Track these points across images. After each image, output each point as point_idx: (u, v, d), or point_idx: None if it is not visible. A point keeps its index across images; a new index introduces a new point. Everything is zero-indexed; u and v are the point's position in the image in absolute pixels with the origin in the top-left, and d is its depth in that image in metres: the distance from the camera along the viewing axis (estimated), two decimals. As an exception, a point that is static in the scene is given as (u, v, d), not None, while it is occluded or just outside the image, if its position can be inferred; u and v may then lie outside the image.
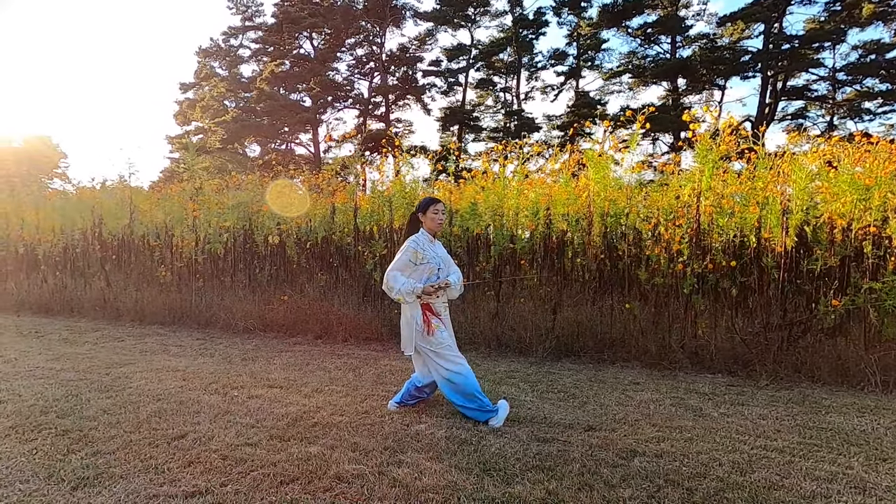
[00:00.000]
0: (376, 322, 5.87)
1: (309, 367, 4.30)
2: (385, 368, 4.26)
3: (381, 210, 6.62)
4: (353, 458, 2.42)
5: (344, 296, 6.31)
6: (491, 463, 2.39)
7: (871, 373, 4.04)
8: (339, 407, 3.19)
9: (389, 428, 2.84)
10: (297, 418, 2.96)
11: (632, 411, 3.18)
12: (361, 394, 3.49)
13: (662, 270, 5.05)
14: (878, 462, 2.43)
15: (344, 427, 2.83)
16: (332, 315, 6.07)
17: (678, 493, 2.11)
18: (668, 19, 23.32)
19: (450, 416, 3.03)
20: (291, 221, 7.13)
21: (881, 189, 4.65)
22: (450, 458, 2.43)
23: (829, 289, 4.59)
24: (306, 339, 5.70)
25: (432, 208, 3.14)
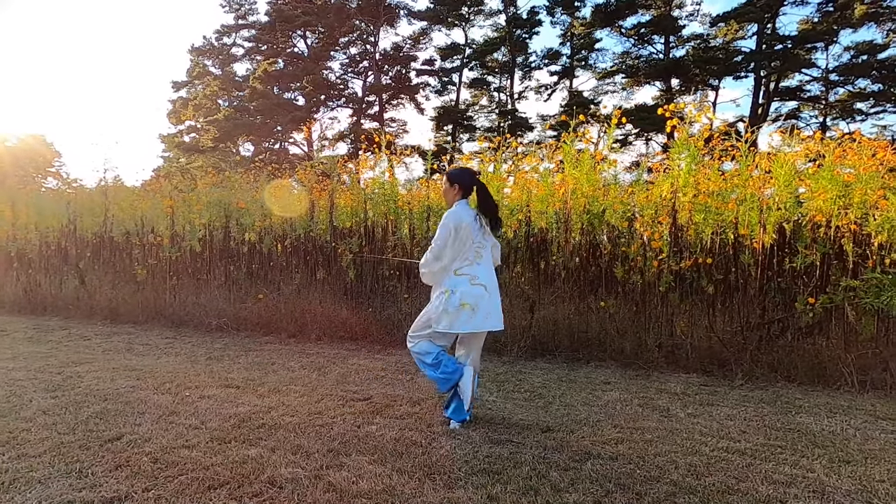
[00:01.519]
0: (352, 320, 5.75)
1: (273, 367, 4.18)
2: (351, 368, 4.15)
3: (360, 207, 6.51)
4: (292, 461, 2.30)
5: (320, 294, 6.19)
6: (437, 466, 2.27)
7: (848, 372, 3.95)
8: (292, 407, 3.07)
9: (339, 429, 2.72)
10: (245, 419, 2.84)
11: (596, 412, 3.08)
12: (320, 394, 3.37)
13: (640, 268, 4.95)
14: (841, 465, 2.32)
15: (292, 428, 2.72)
16: (307, 313, 5.95)
17: (626, 497, 2.00)
18: (662, 19, 23.30)
19: (405, 417, 2.92)
20: (268, 218, 7.01)
21: (862, 186, 4.57)
22: (394, 461, 2.32)
23: (808, 287, 4.50)
24: (279, 338, 5.58)
25: None
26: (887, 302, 4.01)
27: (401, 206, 6.43)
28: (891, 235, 4.30)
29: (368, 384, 3.64)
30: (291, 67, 28.51)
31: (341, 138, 27.67)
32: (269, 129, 27.94)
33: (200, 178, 8.63)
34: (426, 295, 5.90)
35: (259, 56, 29.40)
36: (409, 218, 6.57)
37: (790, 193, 5.10)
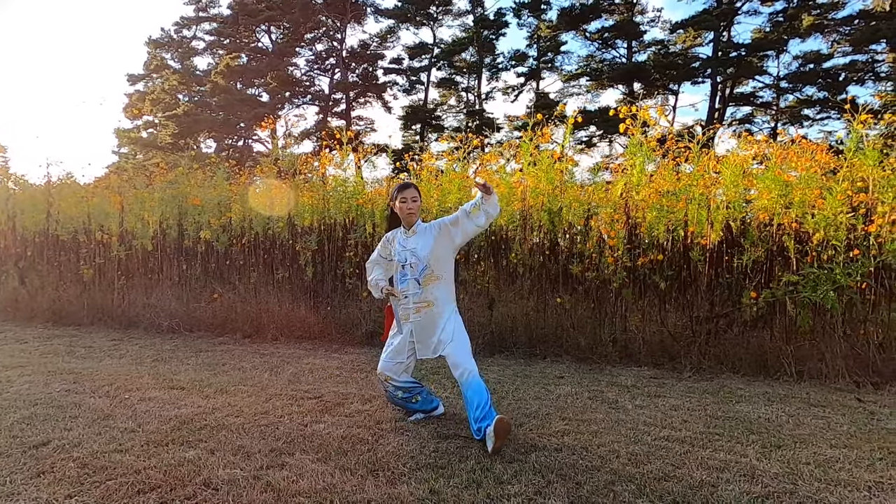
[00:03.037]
0: (310, 319, 5.65)
1: (224, 367, 4.06)
2: (305, 367, 4.07)
3: (319, 205, 6.40)
4: (232, 462, 2.23)
5: (278, 293, 6.05)
6: (382, 462, 2.25)
7: (788, 363, 4.13)
8: (238, 408, 2.98)
9: (285, 428, 2.66)
10: (186, 421, 2.74)
11: (546, 405, 3.11)
12: (269, 393, 3.29)
13: (596, 265, 5.05)
14: (773, 449, 2.42)
15: (235, 429, 2.64)
16: (265, 313, 5.80)
17: (566, 487, 2.03)
18: (624, 25, 23.88)
19: (354, 415, 2.87)
20: (224, 216, 6.80)
21: (801, 187, 4.78)
22: (338, 459, 2.28)
23: (753, 282, 4.69)
24: (234, 339, 5.43)
25: (399, 196, 2.72)
26: (823, 296, 4.22)
27: (362, 203, 6.35)
28: (827, 233, 4.52)
29: (321, 383, 3.57)
30: (255, 63, 27.81)
31: (307, 136, 27.18)
32: (232, 126, 27.18)
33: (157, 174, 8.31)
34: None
35: (221, 50, 28.55)
36: (372, 216, 6.51)
37: (737, 193, 5.31)
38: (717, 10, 22.32)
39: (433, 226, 2.73)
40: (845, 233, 4.33)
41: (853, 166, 4.89)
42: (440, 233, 2.69)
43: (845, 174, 4.87)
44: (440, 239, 2.68)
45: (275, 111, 26.68)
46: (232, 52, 27.44)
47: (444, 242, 2.68)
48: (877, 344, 4.16)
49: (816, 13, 21.26)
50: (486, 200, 2.59)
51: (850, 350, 4.15)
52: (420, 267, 2.65)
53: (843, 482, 2.09)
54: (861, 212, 4.49)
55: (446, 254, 2.71)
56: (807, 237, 4.58)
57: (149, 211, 7.05)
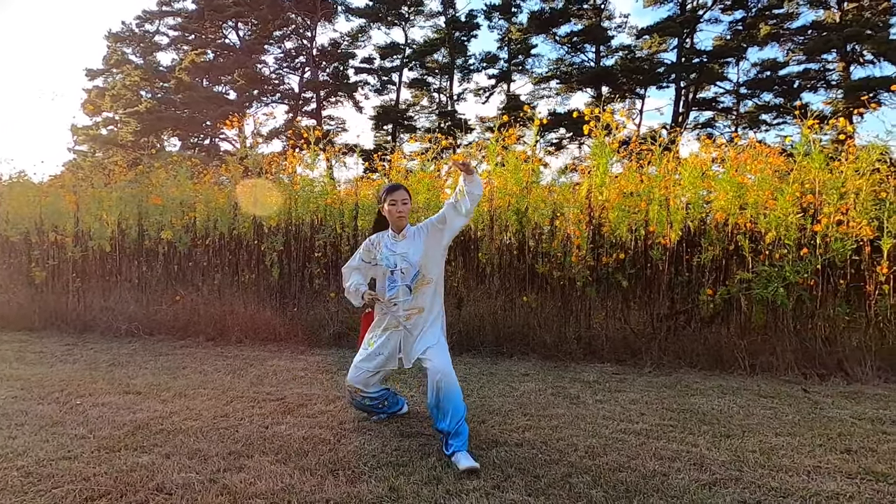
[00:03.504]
0: (276, 321, 5.56)
1: (185, 371, 3.96)
2: (270, 369, 4.00)
3: (286, 204, 6.30)
4: (187, 466, 2.18)
5: (243, 294, 5.93)
6: (343, 462, 2.24)
7: (742, 357, 4.30)
8: (196, 411, 2.91)
9: (245, 431, 2.61)
10: (142, 426, 2.66)
11: (510, 402, 3.16)
12: (230, 396, 3.22)
13: (561, 264, 5.15)
14: (722, 439, 2.53)
15: (193, 433, 2.58)
16: (229, 315, 5.68)
17: (525, 480, 2.07)
18: (593, 29, 24.38)
19: (317, 415, 2.85)
20: (187, 216, 6.62)
21: (755, 189, 4.99)
22: (298, 460, 2.26)
23: (710, 280, 4.87)
24: (196, 342, 5.29)
25: (388, 199, 2.58)
26: (774, 293, 4.42)
27: (330, 203, 6.29)
28: (779, 232, 4.73)
29: (285, 385, 3.53)
30: (222, 59, 27.14)
31: (277, 135, 26.68)
32: (198, 124, 26.45)
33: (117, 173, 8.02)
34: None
35: (186, 46, 27.75)
36: (341, 216, 6.45)
37: (696, 194, 5.51)
38: (680, 17, 23.05)
39: (422, 228, 2.62)
40: (796, 232, 4.54)
41: (802, 169, 5.14)
42: (429, 234, 2.58)
43: (795, 177, 5.12)
44: (430, 241, 2.57)
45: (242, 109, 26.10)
46: (197, 48, 26.72)
47: (434, 244, 2.58)
48: (823, 338, 4.38)
49: (773, 23, 22.21)
50: (469, 181, 2.48)
51: (799, 344, 4.35)
52: (412, 272, 2.52)
53: (784, 468, 2.20)
54: (810, 213, 4.71)
55: (437, 256, 2.62)
56: (760, 237, 4.78)
57: (107, 210, 6.80)
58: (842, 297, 4.47)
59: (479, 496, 1.94)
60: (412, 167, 6.84)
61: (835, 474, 2.14)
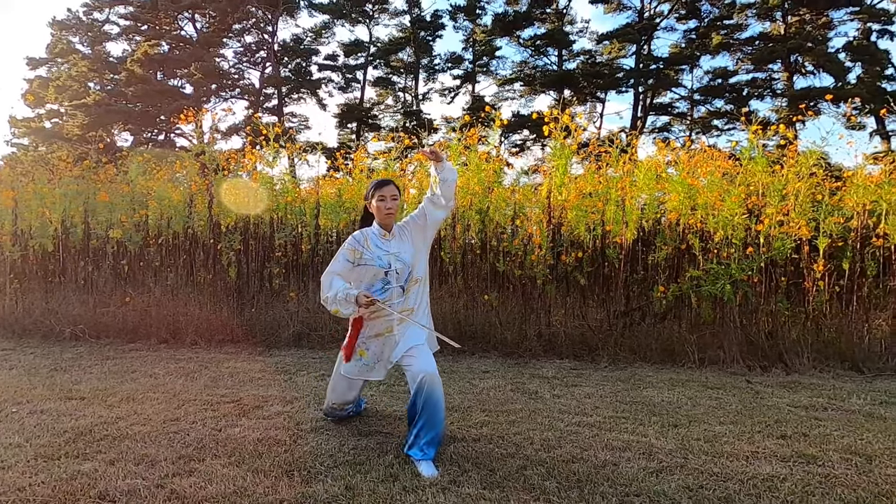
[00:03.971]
0: (233, 322, 5.41)
1: (134, 375, 3.79)
2: (225, 371, 3.89)
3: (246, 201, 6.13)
4: (133, 472, 2.10)
5: (198, 295, 5.74)
6: (298, 463, 2.21)
7: (691, 351, 4.50)
8: (145, 416, 2.80)
9: (197, 434, 2.54)
10: (84, 432, 2.54)
11: (469, 399, 3.19)
12: (182, 399, 3.12)
13: (522, 263, 5.24)
14: (670, 428, 2.64)
15: (140, 438, 2.48)
16: (183, 316, 5.48)
17: (481, 474, 2.10)
18: (555, 33, 24.87)
19: (273, 417, 2.80)
20: (138, 214, 6.35)
21: (705, 190, 5.22)
22: (252, 462, 2.21)
23: (663, 278, 5.07)
24: (148, 345, 5.08)
25: (377, 194, 2.41)
26: (721, 289, 4.64)
27: (290, 201, 6.17)
28: (727, 232, 4.96)
29: (240, 387, 3.44)
30: (178, 52, 26.11)
31: (236, 131, 25.89)
32: (151, 118, 25.36)
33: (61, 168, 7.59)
34: (315, 293, 5.73)
35: (138, 37, 26.54)
36: (301, 215, 6.34)
37: (651, 195, 5.71)
38: (638, 24, 23.84)
39: (406, 225, 2.50)
40: (742, 232, 4.78)
41: (748, 173, 5.41)
42: (413, 231, 2.48)
43: (741, 180, 5.39)
44: (416, 238, 2.47)
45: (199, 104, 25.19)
46: (151, 39, 25.61)
47: (419, 240, 2.48)
48: (766, 332, 4.63)
49: (724, 33, 23.28)
50: (440, 168, 2.39)
51: (744, 338, 4.58)
52: (406, 272, 2.40)
53: (726, 454, 2.32)
54: (755, 213, 4.97)
55: (423, 253, 2.51)
56: (709, 236, 5.00)
57: (50, 208, 6.43)
58: (783, 294, 4.74)
59: (436, 491, 1.95)
60: (376, 166, 6.80)
61: (771, 458, 2.27)
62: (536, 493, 1.96)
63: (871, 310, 4.75)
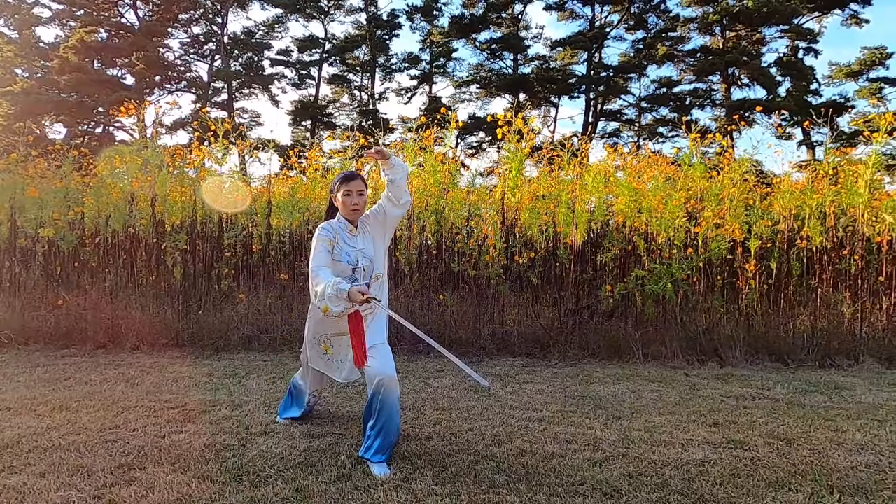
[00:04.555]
0: (178, 325, 5.18)
1: (68, 382, 3.57)
2: (170, 376, 3.73)
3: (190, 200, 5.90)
4: (67, 484, 1.99)
5: (140, 297, 5.46)
6: (248, 467, 2.16)
7: (636, 347, 4.72)
8: (80, 425, 2.65)
9: (138, 442, 2.43)
10: (11, 444, 2.37)
11: (423, 398, 3.22)
12: (122, 406, 2.97)
13: (477, 263, 5.32)
14: (614, 420, 2.77)
15: (75, 448, 2.35)
16: (123, 320, 5.20)
17: (433, 471, 2.13)
18: (510, 38, 25.34)
19: (221, 421, 2.72)
20: (73, 211, 5.97)
21: (649, 194, 5.49)
22: (198, 468, 2.14)
23: (611, 277, 5.29)
24: (83, 350, 4.79)
25: (343, 189, 2.30)
26: (663, 288, 4.89)
27: (240, 199, 5.99)
28: (668, 233, 5.24)
29: (186, 392, 3.31)
30: (117, 40, 24.66)
31: (182, 126, 24.75)
32: (88, 110, 23.81)
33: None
34: (266, 294, 5.58)
35: (73, 22, 24.88)
36: (252, 214, 6.17)
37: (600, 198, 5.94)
38: (590, 33, 24.69)
39: (367, 220, 2.41)
40: (682, 234, 5.06)
41: (688, 178, 5.74)
42: (374, 226, 2.42)
43: (682, 184, 5.70)
44: (376, 232, 2.41)
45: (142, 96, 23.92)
46: (87, 25, 24.06)
47: (379, 235, 2.42)
48: (704, 328, 4.92)
49: (669, 44, 24.50)
50: (388, 167, 2.34)
51: (684, 333, 4.85)
52: (371, 269, 2.34)
53: (664, 443, 2.46)
54: (694, 216, 5.28)
55: (383, 248, 2.47)
56: (653, 237, 5.27)
57: (-31, 204, 5.94)
58: (718, 292, 5.06)
59: (388, 489, 1.97)
60: (331, 165, 6.71)
61: (703, 445, 2.43)
62: (487, 486, 2.01)
63: (796, 306, 5.14)
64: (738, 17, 22.58)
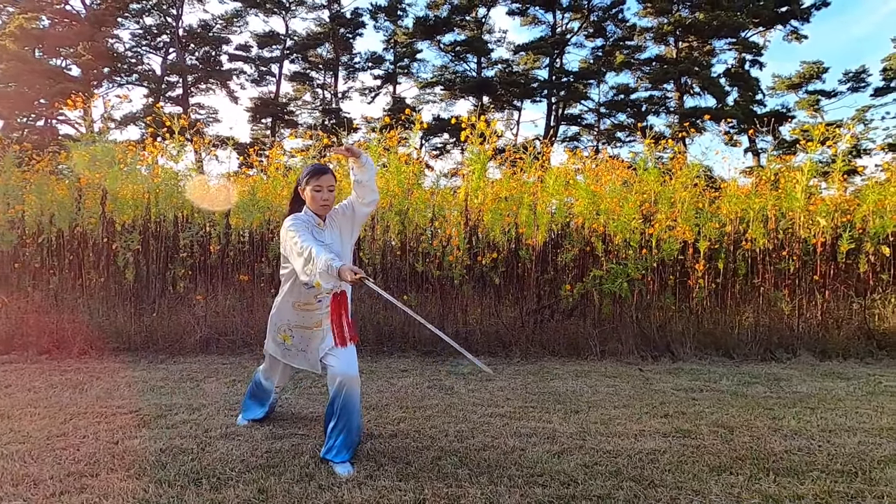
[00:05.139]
0: (130, 328, 4.98)
1: (9, 389, 3.38)
2: (122, 381, 3.59)
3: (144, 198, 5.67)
4: (12, 494, 1.90)
5: (88, 299, 5.21)
6: (207, 470, 2.12)
7: (594, 345, 4.89)
8: (24, 433, 2.52)
9: (89, 449, 2.34)
10: (-53, 455, 2.23)
11: (387, 397, 3.24)
12: (70, 413, 2.84)
13: (440, 263, 5.37)
14: (572, 414, 2.88)
15: (19, 457, 2.24)
16: (69, 323, 4.95)
17: (396, 467, 2.16)
18: (474, 41, 25.58)
19: (178, 426, 2.65)
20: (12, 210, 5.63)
21: (606, 197, 5.69)
22: (155, 473, 2.09)
23: (570, 277, 5.45)
24: (25, 356, 4.53)
25: (313, 184, 2.22)
26: (620, 287, 5.09)
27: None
28: (625, 235, 5.45)
29: (140, 396, 3.20)
30: (61, 28, 23.34)
31: (133, 121, 23.64)
32: (28, 101, 22.39)
33: None
34: (224, 296, 5.44)
35: (11, 8, 23.35)
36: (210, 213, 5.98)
37: (562, 200, 6.11)
38: (551, 38, 25.24)
39: (335, 214, 2.36)
40: (638, 235, 5.28)
41: (643, 182, 5.99)
42: (343, 221, 2.36)
43: (637, 188, 5.95)
44: (344, 227, 2.37)
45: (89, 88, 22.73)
46: (28, 11, 22.65)
47: (347, 231, 2.39)
48: (657, 325, 5.15)
49: (626, 52, 25.37)
50: (359, 165, 2.28)
51: (639, 331, 5.06)
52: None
53: (618, 434, 2.58)
54: (648, 218, 5.51)
55: (350, 244, 2.44)
56: (610, 239, 5.46)
57: None
58: (671, 291, 5.30)
59: (352, 487, 1.98)
60: (293, 164, 6.61)
61: (654, 435, 2.57)
62: (450, 480, 2.05)
63: (741, 304, 5.46)
64: (690, 29, 23.66)
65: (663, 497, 1.94)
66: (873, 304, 5.31)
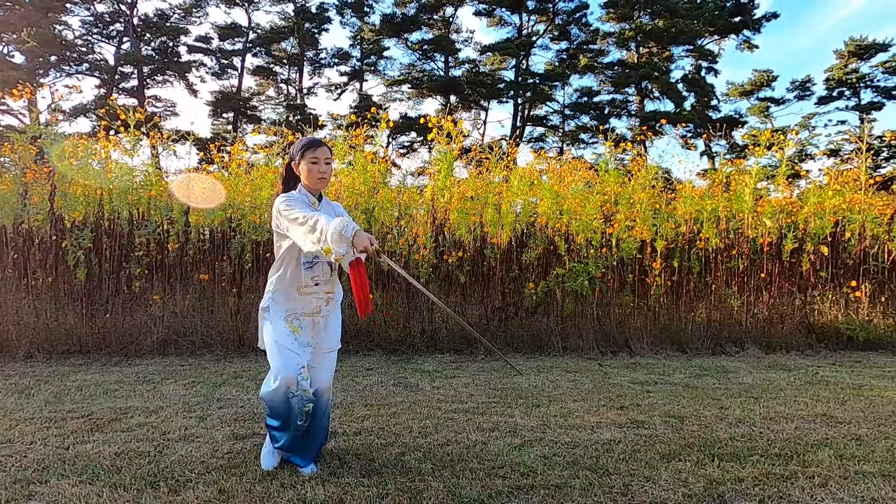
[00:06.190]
0: (82, 330, 4.77)
1: (-54, 396, 3.19)
2: (72, 385, 3.45)
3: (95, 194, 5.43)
4: (-48, 504, 1.81)
5: (34, 300, 4.96)
6: (165, 473, 2.08)
7: (556, 341, 5.02)
8: (-35, 440, 2.40)
9: (38, 455, 2.24)
10: None
11: (352, 395, 3.24)
12: (15, 419, 2.71)
13: (406, 262, 5.39)
14: (533, 409, 2.97)
15: (-40, 465, 2.13)
16: (13, 326, 4.71)
17: (360, 464, 2.18)
18: (442, 40, 25.66)
19: (134, 429, 2.57)
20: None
21: (569, 197, 5.84)
22: (109, 477, 2.03)
23: (534, 276, 5.57)
24: (-36, 360, 4.27)
25: (310, 156, 2.07)
26: (581, 284, 5.24)
27: (154, 195, 5.61)
28: (586, 234, 5.61)
29: (92, 400, 3.08)
30: (3, 12, 21.96)
31: (84, 112, 22.50)
32: (-33, 90, 20.97)
33: None
34: (183, 296, 5.29)
35: (-52, -11, 21.81)
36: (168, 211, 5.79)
37: (527, 200, 6.23)
38: (517, 40, 25.58)
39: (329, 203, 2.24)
40: (599, 235, 5.44)
41: (604, 183, 6.18)
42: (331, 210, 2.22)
43: (598, 189, 6.13)
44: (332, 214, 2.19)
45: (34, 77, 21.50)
46: (-34, -7, 21.21)
47: None
48: (616, 322, 5.33)
49: (590, 56, 26.00)
50: None
51: (600, 327, 5.23)
52: None
53: (576, 426, 2.68)
54: (609, 218, 5.69)
55: None
56: (573, 238, 5.61)
57: None
58: (629, 288, 5.50)
59: (315, 484, 1.99)
60: (256, 160, 6.47)
61: (610, 426, 2.68)
62: (413, 475, 2.09)
63: (695, 301, 5.71)
64: (650, 35, 24.47)
65: (616, 484, 2.03)
66: (813, 300, 5.66)
